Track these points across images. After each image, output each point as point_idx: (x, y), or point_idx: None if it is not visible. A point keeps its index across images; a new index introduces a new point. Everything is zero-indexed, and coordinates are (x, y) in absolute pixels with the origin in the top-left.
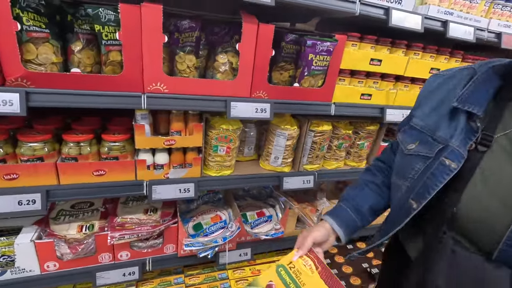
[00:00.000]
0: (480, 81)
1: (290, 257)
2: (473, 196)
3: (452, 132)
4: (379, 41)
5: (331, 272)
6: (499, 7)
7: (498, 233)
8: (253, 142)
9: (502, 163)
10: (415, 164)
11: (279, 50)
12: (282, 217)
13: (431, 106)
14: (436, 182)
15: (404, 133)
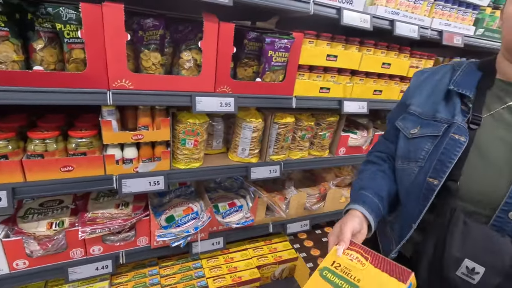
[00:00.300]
0: (467, 71)
1: (333, 255)
2: (472, 169)
3: (452, 112)
4: (334, 38)
5: (385, 258)
6: (440, 7)
7: (496, 201)
8: (221, 136)
9: (492, 138)
10: (423, 145)
11: (242, 47)
12: (252, 206)
13: (426, 94)
14: (451, 156)
15: (404, 119)
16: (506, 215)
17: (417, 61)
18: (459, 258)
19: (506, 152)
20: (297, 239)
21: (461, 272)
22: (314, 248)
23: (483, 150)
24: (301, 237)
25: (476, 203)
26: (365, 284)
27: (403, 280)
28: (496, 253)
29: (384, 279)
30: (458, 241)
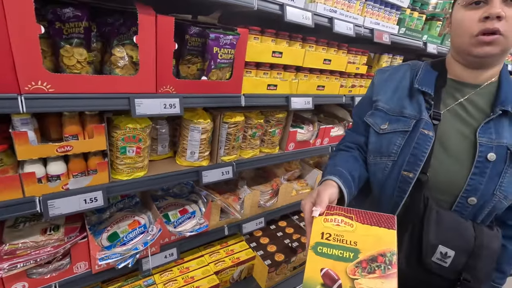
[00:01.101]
0: (425, 71)
1: (318, 226)
2: (437, 161)
3: (418, 109)
4: (278, 34)
5: (365, 211)
6: (370, 7)
7: (457, 189)
8: (167, 139)
9: (450, 131)
10: (395, 140)
11: (183, 43)
12: (205, 211)
13: (391, 91)
14: (423, 149)
15: (373, 115)
16: (465, 201)
17: (353, 57)
18: (434, 245)
19: (463, 143)
20: (253, 237)
21: (436, 258)
22: (270, 245)
23: (445, 143)
24: (256, 235)
25: (441, 191)
26: (362, 245)
27: (392, 226)
28: (463, 236)
29: (375, 232)
30: (433, 229)
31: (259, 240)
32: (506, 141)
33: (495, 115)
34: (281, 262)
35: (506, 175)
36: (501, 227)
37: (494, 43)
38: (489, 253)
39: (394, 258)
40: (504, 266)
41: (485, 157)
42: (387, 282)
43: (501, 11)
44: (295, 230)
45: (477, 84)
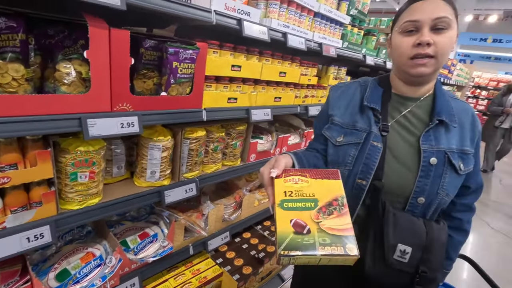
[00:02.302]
0: (373, 88)
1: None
2: (389, 168)
3: (368, 123)
4: (236, 48)
5: (315, 169)
6: (318, 23)
7: (408, 191)
8: (123, 160)
9: (398, 140)
10: (349, 151)
11: (138, 56)
12: (168, 232)
13: (344, 107)
14: (374, 160)
15: (330, 129)
16: (415, 201)
17: (305, 69)
18: (394, 245)
19: (410, 150)
20: (219, 253)
21: (397, 255)
22: (237, 258)
23: (394, 151)
24: (222, 250)
25: (396, 195)
26: (319, 195)
27: (337, 177)
28: (416, 233)
29: (327, 184)
30: (392, 230)
31: (225, 255)
32: (444, 146)
33: (433, 125)
34: (249, 274)
35: (446, 176)
36: (446, 219)
37: (426, 65)
38: (439, 245)
39: (344, 200)
40: (451, 254)
41: (428, 162)
42: (343, 218)
43: (430, 39)
44: (260, 240)
45: (417, 98)
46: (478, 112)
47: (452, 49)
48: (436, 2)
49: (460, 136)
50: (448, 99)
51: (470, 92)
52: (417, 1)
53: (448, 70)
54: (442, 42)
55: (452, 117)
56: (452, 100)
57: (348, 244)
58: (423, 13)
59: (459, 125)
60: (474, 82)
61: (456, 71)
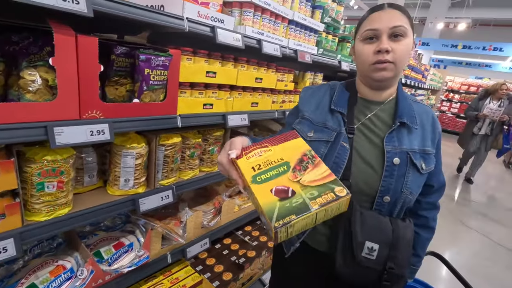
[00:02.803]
0: (340, 92)
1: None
2: (356, 168)
3: (337, 124)
4: (211, 55)
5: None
6: (292, 30)
7: (374, 191)
8: (95, 168)
9: (363, 142)
10: (319, 148)
11: (109, 63)
12: (144, 241)
13: (314, 106)
14: (343, 160)
15: (301, 123)
16: (381, 200)
17: (282, 75)
18: (362, 242)
19: (375, 151)
20: (199, 260)
21: (365, 253)
22: (217, 265)
23: (360, 152)
24: (202, 257)
25: (363, 194)
26: (288, 157)
27: (297, 136)
28: (383, 231)
29: (289, 145)
30: (359, 229)
31: (205, 262)
32: (406, 147)
33: (396, 126)
34: (230, 281)
35: (409, 175)
36: (413, 218)
37: (387, 69)
38: (405, 242)
39: (312, 152)
40: (419, 251)
41: (392, 162)
42: (319, 168)
43: (388, 46)
44: (241, 246)
45: (381, 102)
46: (452, 114)
47: (409, 55)
48: (392, 12)
49: (422, 137)
50: (410, 102)
51: (444, 96)
52: (376, 12)
53: (422, 75)
54: (399, 49)
55: (413, 119)
56: (413, 103)
57: (335, 187)
58: (381, 23)
59: (420, 126)
60: (447, 86)
61: (430, 75)
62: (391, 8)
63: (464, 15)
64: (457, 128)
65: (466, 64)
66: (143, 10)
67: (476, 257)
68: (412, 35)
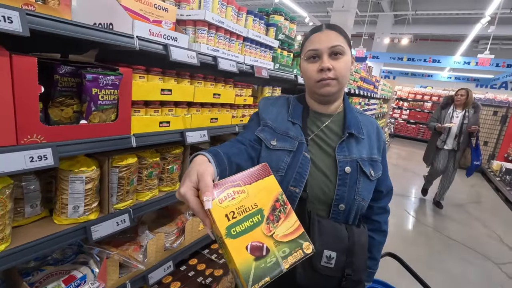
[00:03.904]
0: (295, 105)
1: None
2: (313, 178)
3: (299, 134)
4: (165, 73)
5: (244, 172)
6: (248, 47)
7: (330, 200)
8: (38, 197)
9: (318, 153)
10: (283, 157)
11: (53, 83)
12: (100, 271)
13: (275, 114)
14: (306, 169)
15: (263, 131)
16: (337, 208)
17: (240, 90)
18: (320, 251)
19: (328, 161)
20: (162, 286)
21: (324, 261)
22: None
23: (316, 162)
24: (166, 281)
25: (320, 203)
26: (261, 202)
27: (269, 173)
28: (339, 239)
29: (262, 185)
30: (317, 238)
31: (170, 287)
32: (355, 155)
33: (345, 137)
34: None
35: (360, 182)
36: (367, 223)
37: (330, 85)
38: (361, 247)
39: (284, 196)
40: (375, 254)
41: (344, 170)
42: (290, 218)
43: (329, 65)
44: (208, 265)
45: (330, 114)
46: (403, 121)
47: (350, 70)
48: (330, 33)
49: (369, 145)
50: (356, 114)
51: (395, 104)
52: (316, 33)
53: (373, 86)
54: (339, 67)
55: (360, 130)
56: (359, 115)
57: (303, 243)
58: (321, 43)
59: (366, 136)
60: (396, 95)
61: (381, 86)
62: (328, 29)
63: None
64: (408, 132)
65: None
66: (87, 28)
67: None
68: (350, 52)
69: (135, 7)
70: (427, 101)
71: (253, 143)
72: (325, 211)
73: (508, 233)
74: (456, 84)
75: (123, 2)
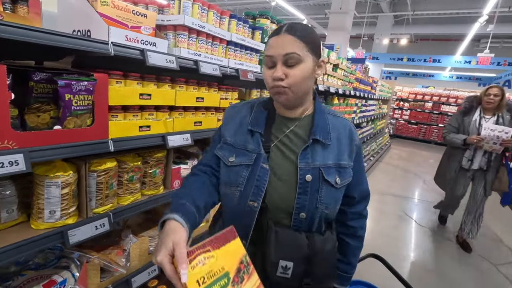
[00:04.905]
0: (257, 111)
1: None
2: (273, 188)
3: (257, 145)
4: (144, 77)
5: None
6: (232, 50)
7: (291, 209)
8: (14, 202)
9: (280, 160)
10: (241, 172)
11: (27, 90)
12: (80, 275)
13: (234, 127)
14: (263, 182)
15: (222, 149)
16: (298, 217)
17: (225, 94)
18: (275, 262)
19: (290, 169)
20: None
21: (280, 272)
22: None
23: (276, 171)
24: (151, 285)
25: (280, 212)
26: (228, 265)
27: (235, 236)
28: (298, 247)
29: (228, 248)
30: (273, 248)
31: None
32: (319, 163)
33: (309, 143)
34: None
35: (322, 191)
36: (342, 228)
37: (283, 93)
38: (323, 256)
39: (247, 258)
40: (350, 259)
41: (304, 179)
42: (252, 278)
43: (281, 74)
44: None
45: (297, 118)
46: (404, 121)
47: (309, 78)
48: (287, 39)
49: (338, 151)
50: (326, 117)
51: (395, 104)
52: (273, 37)
53: (370, 87)
54: (294, 75)
55: (327, 135)
56: (331, 117)
57: None
58: (276, 49)
59: (336, 140)
60: (396, 95)
61: (378, 87)
62: (286, 33)
63: (406, 32)
64: (409, 133)
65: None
66: (57, 35)
67: None
68: (314, 57)
69: (112, 14)
70: (428, 101)
71: (214, 168)
72: (287, 219)
73: None
74: (457, 83)
75: (100, 9)
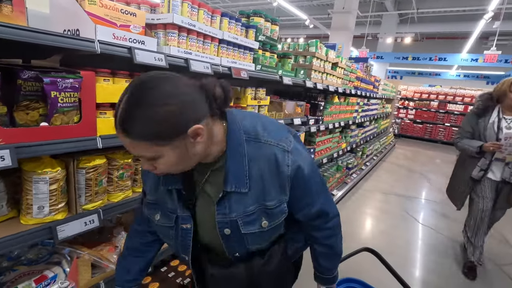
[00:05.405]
0: None
1: None
2: (200, 236)
3: (175, 205)
4: (133, 75)
5: None
6: (225, 49)
7: (223, 251)
8: (3, 198)
9: (204, 208)
10: (167, 232)
11: (16, 88)
12: (70, 271)
13: (151, 185)
14: (187, 241)
15: (148, 207)
16: (233, 256)
17: None
18: None
19: (211, 219)
20: (141, 286)
21: None
22: None
23: (201, 223)
24: (145, 282)
25: (217, 253)
26: None
27: None
28: (237, 282)
29: None
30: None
31: (148, 286)
32: (235, 214)
33: (223, 194)
34: None
35: (247, 237)
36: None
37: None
38: (266, 277)
39: None
40: (323, 262)
41: (224, 233)
42: None
43: (150, 167)
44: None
45: (210, 162)
46: (409, 120)
47: (189, 154)
48: (125, 141)
49: (261, 191)
50: (243, 153)
51: (400, 104)
52: None
53: (373, 86)
54: (162, 166)
55: (242, 183)
56: (253, 147)
57: None
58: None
59: (257, 180)
60: (401, 94)
61: (382, 86)
62: (121, 134)
63: (411, 30)
64: (415, 132)
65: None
66: (42, 34)
67: None
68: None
69: (100, 13)
70: (434, 100)
71: (148, 224)
72: (227, 259)
73: None
74: (465, 82)
75: (88, 8)
